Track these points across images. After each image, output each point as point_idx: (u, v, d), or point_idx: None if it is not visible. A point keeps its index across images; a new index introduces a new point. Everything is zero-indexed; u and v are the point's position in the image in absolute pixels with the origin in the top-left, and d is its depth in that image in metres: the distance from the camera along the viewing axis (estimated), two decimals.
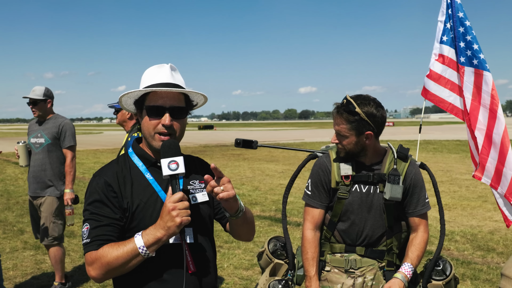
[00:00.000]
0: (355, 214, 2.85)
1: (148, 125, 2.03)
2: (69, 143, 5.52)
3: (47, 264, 6.64)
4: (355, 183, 2.85)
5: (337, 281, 2.90)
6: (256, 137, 22.66)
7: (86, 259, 1.93)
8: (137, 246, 1.86)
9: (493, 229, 8.44)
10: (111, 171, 2.05)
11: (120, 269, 1.90)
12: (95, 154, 26.53)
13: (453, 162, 19.72)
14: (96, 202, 1.98)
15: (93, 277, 1.92)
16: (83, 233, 1.96)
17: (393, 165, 2.81)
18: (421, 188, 2.88)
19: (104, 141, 42.59)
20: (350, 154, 2.80)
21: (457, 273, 6.09)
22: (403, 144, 3.04)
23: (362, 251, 2.89)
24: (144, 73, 2.11)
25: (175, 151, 1.93)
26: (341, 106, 2.73)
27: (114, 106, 4.97)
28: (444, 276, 2.86)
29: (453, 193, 12.21)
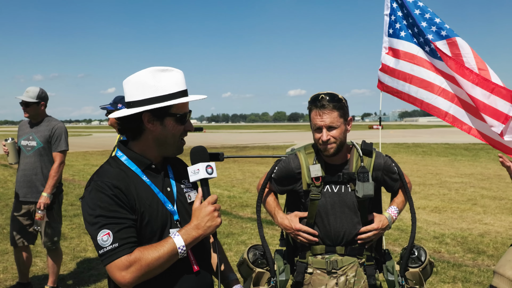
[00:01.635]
0: (330, 214, 2.90)
1: (175, 131, 2.08)
2: (61, 147, 5.39)
3: (38, 267, 6.59)
4: (326, 184, 2.90)
5: (320, 283, 2.93)
6: (246, 140, 22.80)
7: (118, 265, 1.86)
8: (176, 246, 1.93)
9: (483, 232, 8.51)
10: (112, 174, 2.00)
11: (158, 270, 1.93)
12: (84, 156, 26.36)
13: (442, 165, 19.85)
14: (109, 206, 1.91)
15: (127, 281, 1.87)
16: (102, 240, 1.87)
17: (360, 163, 2.87)
18: (392, 169, 3.00)
19: (93, 143, 42.34)
20: (340, 148, 2.82)
21: (448, 275, 6.14)
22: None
23: (342, 250, 2.94)
24: (158, 77, 2.03)
25: (206, 156, 2.10)
26: (323, 99, 2.77)
27: (107, 108, 4.95)
28: (420, 262, 2.96)
29: (443, 196, 12.29)
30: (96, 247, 1.91)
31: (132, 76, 2.07)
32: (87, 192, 1.97)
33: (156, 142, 2.09)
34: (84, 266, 6.72)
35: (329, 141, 2.79)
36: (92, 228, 1.91)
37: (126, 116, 2.05)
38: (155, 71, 2.04)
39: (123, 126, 2.13)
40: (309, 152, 2.99)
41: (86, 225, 1.96)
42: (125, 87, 2.09)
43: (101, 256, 1.89)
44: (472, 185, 13.98)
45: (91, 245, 7.81)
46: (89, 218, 1.92)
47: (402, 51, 3.58)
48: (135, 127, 2.07)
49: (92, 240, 1.96)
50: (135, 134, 2.10)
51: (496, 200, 11.41)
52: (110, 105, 4.92)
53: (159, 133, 2.07)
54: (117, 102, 4.92)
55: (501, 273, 2.86)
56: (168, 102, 2.02)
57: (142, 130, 2.07)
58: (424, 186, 13.89)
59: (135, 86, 2.05)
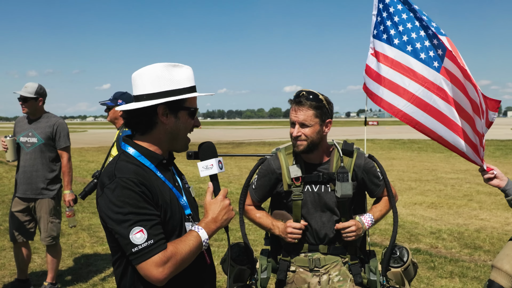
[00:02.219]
0: (310, 214, 2.91)
1: (186, 125, 2.11)
2: (65, 143, 5.41)
3: (36, 264, 6.59)
4: (306, 184, 2.90)
5: (303, 281, 2.93)
6: (242, 136, 22.84)
7: (156, 261, 1.85)
8: (202, 239, 1.99)
9: (479, 227, 8.55)
10: (135, 171, 1.96)
11: (187, 264, 1.98)
12: (80, 152, 26.31)
13: (438, 161, 19.92)
14: (138, 203, 1.88)
15: (163, 277, 1.87)
16: (136, 238, 1.84)
17: (340, 163, 2.87)
18: (374, 172, 2.99)
19: (88, 139, 42.25)
20: (310, 146, 2.81)
21: (445, 270, 6.17)
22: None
23: (325, 249, 2.94)
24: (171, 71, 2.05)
25: (215, 151, 2.17)
26: (303, 96, 2.78)
27: (106, 103, 4.95)
28: (402, 262, 2.96)
29: (439, 191, 12.34)
30: (126, 246, 1.87)
31: (145, 70, 2.05)
32: (109, 190, 1.90)
33: (168, 136, 2.08)
34: (82, 263, 6.72)
35: (300, 138, 2.79)
36: (121, 226, 1.86)
37: (139, 109, 2.02)
38: (167, 66, 2.04)
39: (133, 120, 2.09)
40: (289, 153, 2.98)
41: (110, 223, 1.90)
42: (138, 80, 2.06)
43: (135, 254, 1.85)
44: (468, 181, 14.04)
45: (88, 241, 7.82)
46: (116, 216, 1.87)
47: (381, 54, 3.53)
48: (147, 121, 2.05)
49: (119, 239, 1.90)
50: (146, 128, 2.07)
51: (492, 196, 11.46)
52: (110, 101, 4.93)
53: (172, 127, 2.07)
54: (117, 98, 4.92)
55: (498, 267, 2.90)
56: (185, 95, 2.04)
57: (154, 124, 2.05)
58: (420, 182, 13.94)
59: (150, 79, 2.03)
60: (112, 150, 4.85)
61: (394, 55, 3.45)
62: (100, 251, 7.30)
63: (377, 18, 3.66)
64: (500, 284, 2.85)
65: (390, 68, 3.43)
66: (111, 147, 4.95)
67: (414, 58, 3.39)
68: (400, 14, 3.52)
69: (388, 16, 3.56)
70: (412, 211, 9.89)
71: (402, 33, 3.46)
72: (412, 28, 3.46)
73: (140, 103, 2.02)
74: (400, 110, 3.34)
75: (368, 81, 3.54)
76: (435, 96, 3.28)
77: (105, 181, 1.94)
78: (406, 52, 3.42)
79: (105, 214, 1.91)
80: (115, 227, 1.88)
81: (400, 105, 3.33)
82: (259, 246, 6.99)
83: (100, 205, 1.95)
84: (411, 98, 3.31)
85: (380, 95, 3.44)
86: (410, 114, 3.31)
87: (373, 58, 3.59)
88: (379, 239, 7.68)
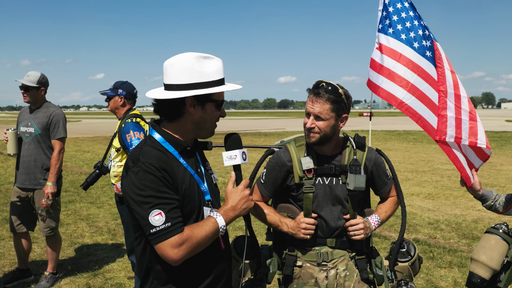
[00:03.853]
0: (321, 206, 2.86)
1: (213, 116, 2.20)
2: (60, 134, 5.35)
3: (36, 253, 6.58)
4: (318, 176, 2.85)
5: (310, 276, 2.90)
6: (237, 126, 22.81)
7: (172, 243, 1.96)
8: (219, 225, 2.09)
9: (476, 218, 8.62)
10: (158, 156, 2.06)
11: (202, 248, 2.08)
12: (75, 142, 26.22)
13: (434, 152, 19.98)
14: (159, 187, 1.99)
15: (179, 258, 1.99)
16: (155, 220, 1.96)
17: (353, 156, 2.83)
18: (383, 169, 2.98)
19: (83, 129, 42.09)
20: (322, 140, 2.77)
21: (444, 260, 6.22)
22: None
23: (333, 242, 2.91)
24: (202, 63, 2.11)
25: (241, 143, 2.30)
26: (322, 87, 2.71)
27: (106, 93, 4.91)
28: (409, 257, 2.97)
29: (436, 182, 12.40)
30: (145, 226, 1.99)
31: (177, 60, 2.12)
32: (132, 173, 2.01)
33: (194, 125, 2.17)
34: (82, 252, 6.72)
35: (313, 130, 2.75)
36: (141, 208, 1.98)
37: (168, 98, 2.10)
38: (199, 57, 2.11)
39: (161, 108, 2.18)
40: (300, 145, 2.92)
41: (132, 204, 2.01)
42: (169, 69, 2.12)
43: (153, 235, 1.97)
44: None
45: (88, 231, 7.81)
46: (138, 198, 1.98)
47: (387, 47, 3.53)
48: (175, 110, 2.13)
49: (139, 220, 2.02)
50: (173, 116, 2.16)
51: (488, 187, 11.49)
52: (110, 91, 4.89)
53: (199, 117, 2.15)
54: (117, 88, 4.89)
55: (475, 259, 3.06)
56: (213, 88, 2.11)
57: (182, 113, 2.14)
58: (416, 173, 14.00)
59: (181, 70, 2.09)
60: (114, 142, 4.81)
61: (401, 49, 3.47)
62: (99, 240, 7.30)
63: (383, 12, 3.66)
64: (479, 275, 2.97)
65: (397, 62, 3.44)
66: (112, 137, 4.91)
67: (420, 55, 3.42)
68: (407, 11, 3.55)
69: (395, 11, 3.57)
70: (410, 202, 9.94)
71: (409, 29, 3.49)
72: (419, 25, 3.49)
73: (170, 92, 2.11)
74: (404, 103, 3.35)
75: (373, 74, 3.54)
76: (437, 94, 3.32)
77: (130, 164, 2.06)
78: (413, 48, 3.44)
79: (128, 195, 2.03)
80: (136, 208, 2.00)
81: (405, 98, 3.34)
82: (259, 237, 7.01)
83: (124, 186, 2.06)
84: (415, 92, 3.33)
85: (384, 87, 3.45)
86: (414, 108, 3.33)
87: (378, 52, 3.59)
88: (383, 232, 7.71)
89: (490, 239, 3.05)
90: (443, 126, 3.23)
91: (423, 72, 3.37)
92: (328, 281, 2.88)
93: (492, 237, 3.05)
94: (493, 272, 2.98)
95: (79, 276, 5.79)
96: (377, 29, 3.64)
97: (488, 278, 2.97)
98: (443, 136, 3.20)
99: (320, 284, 2.89)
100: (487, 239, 3.07)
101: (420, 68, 3.37)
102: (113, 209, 9.13)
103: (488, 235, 3.09)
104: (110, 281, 5.61)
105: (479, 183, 3.28)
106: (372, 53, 3.61)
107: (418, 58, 3.40)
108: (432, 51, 3.43)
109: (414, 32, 3.47)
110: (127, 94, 4.90)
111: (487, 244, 3.04)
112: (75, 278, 5.73)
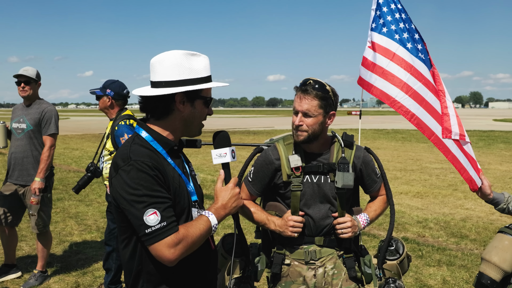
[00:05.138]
0: (308, 205, 2.85)
1: (202, 113, 2.19)
2: (51, 130, 5.33)
3: (24, 251, 6.53)
4: (306, 174, 2.84)
5: (298, 275, 2.90)
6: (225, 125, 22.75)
7: (168, 242, 1.92)
8: (212, 224, 2.08)
9: (465, 216, 8.68)
10: (146, 154, 2.01)
11: (196, 247, 2.06)
12: (64, 139, 26.03)
13: (422, 151, 20.12)
14: (152, 186, 1.94)
15: (175, 258, 1.95)
16: (149, 220, 1.91)
17: (341, 154, 2.83)
18: (372, 167, 2.98)
19: (71, 126, 41.83)
20: (311, 137, 2.76)
21: (433, 259, 6.26)
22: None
23: (321, 241, 2.90)
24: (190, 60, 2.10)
25: (229, 141, 2.27)
26: (309, 85, 2.71)
27: (95, 92, 4.86)
28: (398, 255, 2.96)
29: (424, 181, 12.48)
30: (139, 227, 1.93)
31: (165, 57, 2.09)
32: (124, 172, 1.96)
33: (183, 123, 2.15)
34: (71, 251, 6.68)
35: (301, 128, 2.75)
36: (135, 208, 1.93)
37: (157, 95, 2.07)
38: (187, 54, 2.10)
39: (150, 105, 2.14)
40: (288, 143, 2.91)
41: (124, 204, 1.95)
42: (157, 66, 2.10)
43: (148, 235, 1.92)
44: (452, 171, 14.17)
45: (76, 229, 7.77)
46: (131, 198, 1.93)
47: (380, 46, 3.56)
48: (164, 107, 2.11)
49: (132, 220, 1.96)
50: (162, 114, 2.13)
51: None
52: (100, 90, 4.84)
53: (188, 114, 2.14)
54: (106, 87, 4.84)
55: (487, 259, 2.93)
56: (203, 84, 2.11)
57: (170, 110, 2.11)
58: (405, 172, 14.08)
59: (170, 66, 2.07)
60: (107, 144, 4.76)
61: (394, 49, 3.49)
62: (88, 238, 7.26)
63: (376, 12, 3.68)
64: (489, 276, 2.88)
65: (391, 61, 3.47)
66: (103, 137, 4.87)
67: (413, 55, 3.44)
68: (400, 12, 3.59)
69: (389, 12, 3.60)
70: (398, 201, 9.99)
71: (403, 30, 3.53)
72: (410, 28, 3.55)
73: (159, 89, 2.07)
74: (397, 101, 3.36)
75: (365, 72, 3.56)
76: (430, 93, 3.34)
77: (120, 163, 2.00)
78: (406, 48, 3.47)
79: (119, 195, 1.96)
80: (129, 208, 1.94)
81: (398, 97, 3.36)
82: (248, 235, 7.00)
83: (114, 185, 2.00)
84: (409, 91, 3.34)
85: (377, 86, 3.46)
86: (407, 106, 3.34)
87: (370, 51, 3.61)
88: (372, 231, 7.74)
89: (504, 240, 2.95)
90: (448, 124, 3.24)
91: (416, 72, 3.39)
92: (316, 279, 2.88)
93: (506, 237, 2.95)
94: (504, 274, 2.88)
95: (68, 274, 5.75)
96: (370, 28, 3.66)
97: (499, 280, 2.87)
98: (449, 134, 3.21)
99: (308, 283, 2.88)
100: (500, 239, 2.97)
101: (413, 67, 3.40)
102: (102, 207, 9.08)
103: (501, 235, 2.99)
104: (99, 279, 5.58)
105: (489, 187, 3.20)
106: (364, 52, 3.63)
107: (411, 58, 3.43)
108: (424, 53, 3.48)
109: (407, 33, 3.51)
110: (115, 94, 4.84)
111: (500, 244, 2.94)
112: (64, 276, 5.70)
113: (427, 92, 3.34)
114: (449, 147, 3.28)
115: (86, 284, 5.48)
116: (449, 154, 3.28)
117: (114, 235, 4.96)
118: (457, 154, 3.29)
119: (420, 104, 3.32)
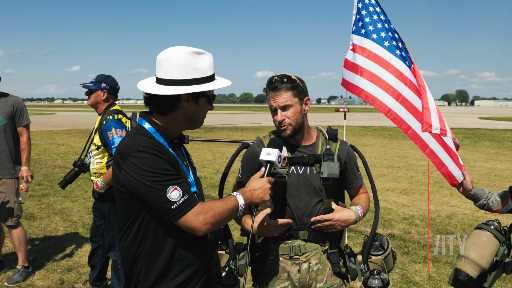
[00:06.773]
0: (294, 196, 2.86)
1: (205, 110, 2.28)
2: (26, 121, 5.44)
3: (8, 247, 6.45)
4: (291, 165, 2.87)
5: (283, 270, 2.89)
6: (213, 121, 22.76)
7: (195, 212, 2.02)
8: (239, 203, 2.18)
9: (450, 213, 8.75)
10: (152, 142, 2.10)
11: (224, 223, 2.18)
12: (49, 135, 25.81)
13: (409, 148, 20.22)
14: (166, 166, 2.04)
15: (204, 225, 2.04)
16: (173, 196, 2.00)
17: (326, 145, 2.89)
18: (355, 162, 3.01)
19: (57, 122, 41.49)
20: (296, 129, 2.81)
21: (419, 255, 6.30)
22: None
23: (305, 235, 2.90)
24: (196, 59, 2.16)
25: (282, 147, 2.53)
26: (276, 81, 2.77)
27: (88, 86, 4.74)
28: (383, 250, 2.97)
29: (411, 178, 12.55)
30: (164, 204, 2.00)
31: (171, 55, 2.15)
32: (134, 158, 2.03)
33: (186, 119, 2.24)
34: (56, 247, 6.61)
35: (284, 122, 2.78)
36: (155, 188, 2.00)
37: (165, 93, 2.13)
38: (193, 53, 2.16)
39: (155, 101, 2.20)
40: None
41: (140, 187, 2.01)
42: (164, 64, 2.16)
43: (175, 210, 2.00)
44: None
45: (61, 225, 7.70)
46: (149, 179, 2.00)
47: (359, 46, 3.66)
48: (169, 103, 2.17)
49: (153, 201, 2.02)
50: (167, 110, 2.19)
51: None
52: (93, 84, 4.73)
53: (192, 112, 2.22)
54: (100, 81, 4.72)
55: (465, 256, 2.91)
56: (209, 85, 2.19)
57: (175, 107, 2.18)
58: (392, 169, 14.15)
59: (177, 66, 2.14)
60: (95, 139, 4.66)
61: (370, 47, 3.61)
62: (73, 235, 7.19)
63: (356, 16, 3.81)
64: (466, 272, 2.87)
65: (367, 59, 3.59)
66: (91, 133, 4.78)
67: (390, 53, 3.56)
68: (378, 14, 3.75)
69: (367, 14, 3.76)
70: (385, 197, 10.04)
71: (380, 30, 3.69)
72: (389, 28, 3.66)
73: (166, 87, 2.14)
74: (377, 99, 3.43)
75: (346, 73, 3.67)
76: (408, 89, 3.41)
77: (127, 150, 2.07)
78: (383, 46, 3.61)
79: (134, 180, 2.02)
80: (148, 190, 2.01)
81: (374, 92, 3.43)
82: (234, 231, 6.99)
83: (126, 172, 2.04)
84: (385, 86, 3.43)
85: (357, 85, 3.55)
86: (382, 101, 3.40)
87: (351, 52, 3.72)
88: (359, 227, 7.77)
89: (482, 236, 2.94)
90: (428, 118, 3.27)
91: (392, 69, 3.50)
92: (300, 274, 2.87)
93: (483, 233, 2.94)
94: (482, 270, 2.87)
95: (53, 271, 5.70)
96: (351, 31, 3.76)
97: (476, 276, 2.86)
98: (429, 128, 3.23)
99: (292, 278, 2.87)
100: (478, 235, 2.95)
101: (390, 65, 3.53)
102: (88, 203, 9.01)
103: (479, 231, 2.98)
104: (84, 276, 5.53)
105: (471, 182, 3.22)
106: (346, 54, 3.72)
107: (388, 56, 3.54)
108: (404, 51, 3.56)
109: (385, 32, 3.61)
110: (111, 88, 4.75)
111: (478, 241, 2.92)
112: (48, 273, 5.64)
113: (404, 88, 3.42)
114: (427, 142, 3.31)
115: (71, 281, 5.43)
116: (426, 149, 3.30)
117: (100, 232, 4.90)
118: (435, 149, 3.32)
119: (397, 99, 3.39)
